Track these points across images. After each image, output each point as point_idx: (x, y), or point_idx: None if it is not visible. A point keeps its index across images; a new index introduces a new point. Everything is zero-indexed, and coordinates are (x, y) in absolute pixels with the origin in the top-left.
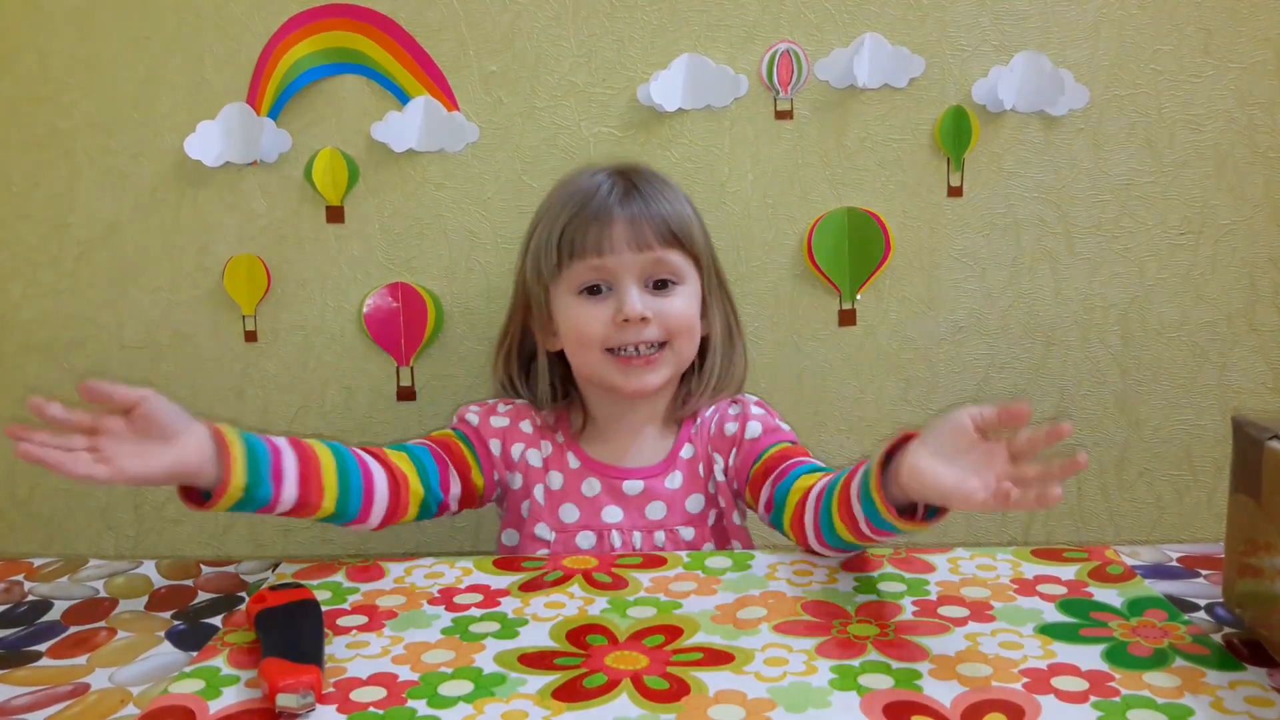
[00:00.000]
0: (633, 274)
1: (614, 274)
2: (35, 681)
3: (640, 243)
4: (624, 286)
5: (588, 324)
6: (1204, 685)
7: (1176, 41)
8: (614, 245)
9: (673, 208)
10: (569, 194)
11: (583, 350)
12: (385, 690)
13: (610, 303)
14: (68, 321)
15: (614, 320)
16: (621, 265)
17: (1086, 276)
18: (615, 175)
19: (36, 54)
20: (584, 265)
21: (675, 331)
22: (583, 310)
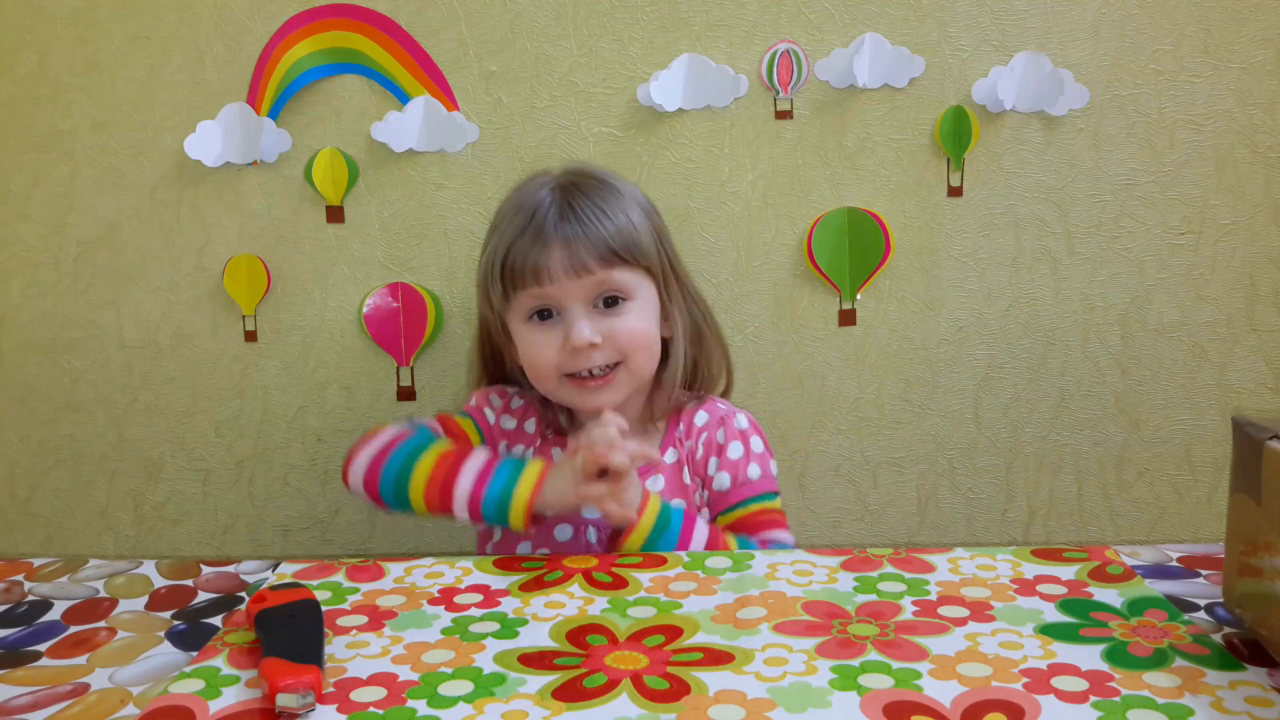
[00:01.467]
0: (577, 298)
1: (558, 301)
2: (35, 681)
3: (579, 268)
4: (570, 313)
5: (539, 352)
6: (1204, 685)
7: (1176, 41)
8: (552, 274)
9: (614, 224)
10: (513, 211)
11: (539, 377)
12: (385, 690)
13: (559, 328)
14: (67, 321)
15: (563, 347)
16: (563, 293)
17: (1086, 276)
18: (556, 190)
19: (36, 54)
20: (527, 294)
21: (628, 350)
22: (533, 338)
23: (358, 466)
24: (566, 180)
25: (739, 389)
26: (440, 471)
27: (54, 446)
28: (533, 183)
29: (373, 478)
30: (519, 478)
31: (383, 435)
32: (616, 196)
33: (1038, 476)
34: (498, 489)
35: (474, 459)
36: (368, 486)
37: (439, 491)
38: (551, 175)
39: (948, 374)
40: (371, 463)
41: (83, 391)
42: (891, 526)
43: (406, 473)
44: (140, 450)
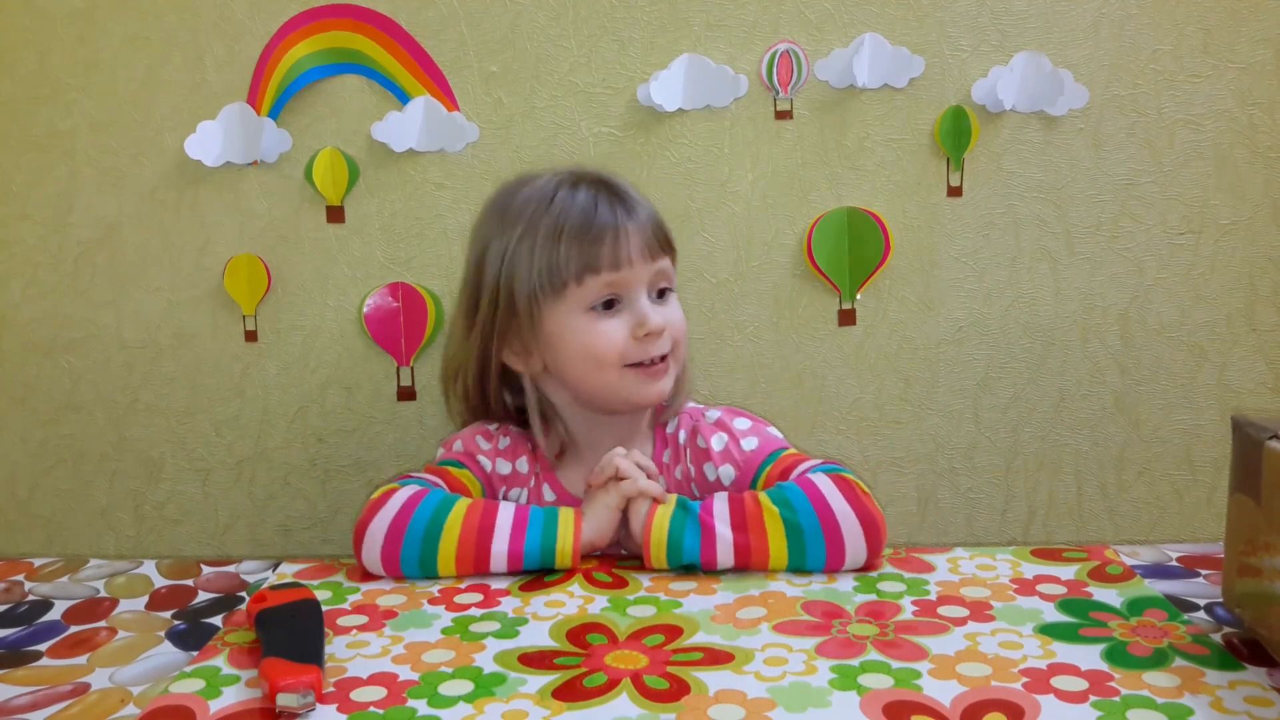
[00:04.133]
0: (644, 285)
1: (629, 287)
2: (35, 681)
3: (652, 251)
4: (638, 299)
5: (607, 341)
6: (1203, 685)
7: (1176, 41)
8: (631, 258)
9: (657, 212)
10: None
11: (598, 369)
12: (385, 690)
13: (625, 317)
14: (68, 321)
15: (633, 335)
16: (636, 278)
17: (1086, 276)
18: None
19: (36, 54)
20: (599, 282)
21: (678, 339)
22: (599, 327)
23: (373, 544)
24: (590, 177)
25: (740, 389)
26: (470, 535)
27: (54, 446)
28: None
29: (393, 554)
30: (556, 525)
31: (391, 504)
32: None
33: (1037, 476)
34: (537, 542)
35: (502, 515)
36: (387, 564)
37: (473, 556)
38: (560, 176)
39: (947, 374)
40: (388, 539)
41: (83, 391)
42: (891, 526)
43: (432, 544)
44: (140, 450)
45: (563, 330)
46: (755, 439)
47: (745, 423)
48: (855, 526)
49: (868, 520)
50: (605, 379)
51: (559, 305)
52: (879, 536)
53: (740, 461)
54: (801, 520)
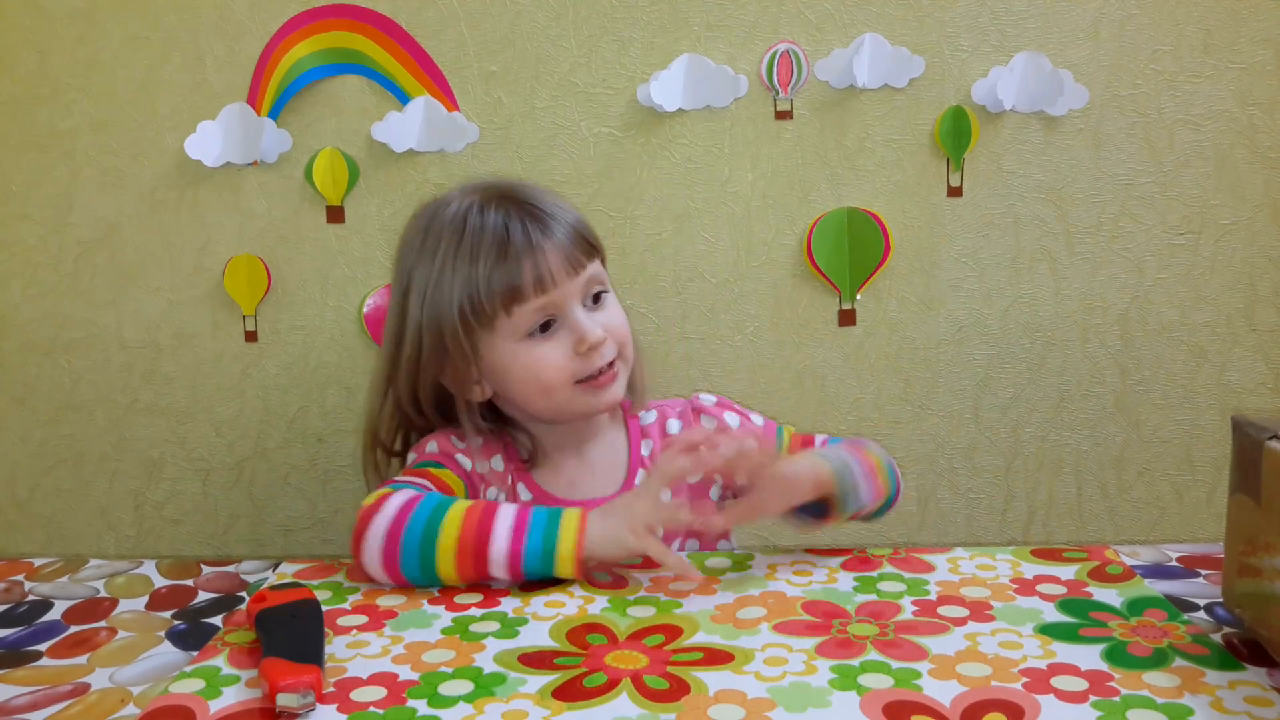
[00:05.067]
0: (576, 298)
1: (559, 306)
2: (35, 681)
3: (575, 264)
4: (573, 315)
5: (551, 365)
6: (1203, 685)
7: (1176, 41)
8: (555, 277)
9: (576, 218)
10: (469, 237)
11: (547, 393)
12: (385, 690)
13: (563, 335)
14: (68, 321)
15: (575, 352)
16: (565, 295)
17: (1086, 276)
18: (499, 206)
19: (36, 54)
20: (528, 309)
21: (622, 340)
22: (539, 352)
23: (371, 548)
24: (499, 195)
25: (740, 389)
26: (469, 535)
27: (54, 446)
28: (455, 210)
29: (392, 561)
30: (558, 526)
31: (386, 509)
32: (553, 193)
33: (1037, 476)
34: (537, 542)
35: (503, 515)
36: (388, 568)
37: (472, 557)
38: (470, 198)
39: (947, 374)
40: (386, 545)
41: (83, 391)
42: (891, 526)
43: (430, 548)
44: (140, 450)
45: (503, 360)
46: (759, 417)
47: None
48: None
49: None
50: (556, 400)
51: (493, 337)
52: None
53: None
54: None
